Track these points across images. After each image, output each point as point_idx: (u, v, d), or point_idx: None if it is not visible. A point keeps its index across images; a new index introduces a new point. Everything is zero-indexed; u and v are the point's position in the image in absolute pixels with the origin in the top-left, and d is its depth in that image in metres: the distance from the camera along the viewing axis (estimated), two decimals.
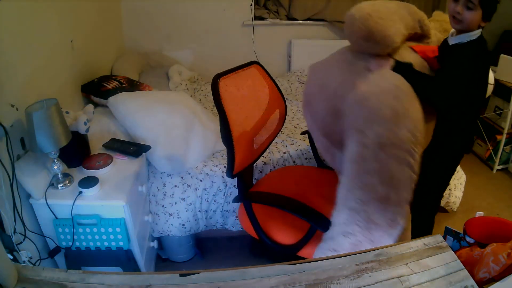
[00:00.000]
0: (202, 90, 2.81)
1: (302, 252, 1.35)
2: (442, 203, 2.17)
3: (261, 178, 1.75)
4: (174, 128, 1.80)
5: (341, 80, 1.36)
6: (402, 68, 1.30)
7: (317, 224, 1.26)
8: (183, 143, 1.80)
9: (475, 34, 1.35)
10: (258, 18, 3.07)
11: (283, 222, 1.43)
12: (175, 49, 3.04)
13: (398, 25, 1.34)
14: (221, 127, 1.30)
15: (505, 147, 2.74)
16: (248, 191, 1.56)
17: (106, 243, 1.43)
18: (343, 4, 3.07)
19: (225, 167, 1.87)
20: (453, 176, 2.10)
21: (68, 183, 1.40)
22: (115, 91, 1.97)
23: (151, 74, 2.66)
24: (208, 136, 1.92)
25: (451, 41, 1.41)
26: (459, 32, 1.38)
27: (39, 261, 1.36)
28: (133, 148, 1.63)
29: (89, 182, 1.39)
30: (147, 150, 1.67)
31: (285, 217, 1.43)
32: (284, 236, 1.40)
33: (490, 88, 2.58)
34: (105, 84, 2.02)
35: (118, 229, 1.39)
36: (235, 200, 1.49)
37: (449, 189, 2.11)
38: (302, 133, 1.98)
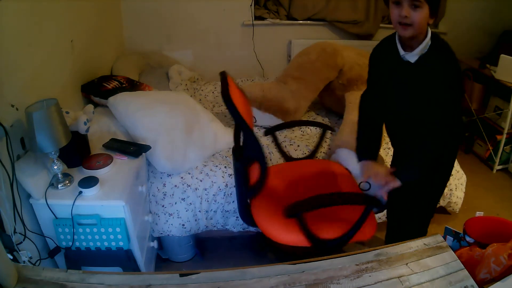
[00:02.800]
0: (202, 90, 2.81)
1: (358, 236, 1.33)
2: (443, 204, 2.17)
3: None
4: (174, 128, 1.80)
5: None
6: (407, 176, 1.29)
7: (372, 204, 1.29)
8: (183, 143, 1.80)
9: (429, 36, 1.25)
10: (258, 18, 3.07)
11: (324, 220, 1.39)
12: (175, 49, 3.04)
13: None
14: (236, 119, 1.30)
15: (505, 147, 2.74)
16: (284, 206, 1.33)
17: (106, 243, 1.43)
18: (343, 4, 3.07)
19: (225, 167, 1.87)
20: (454, 176, 2.10)
21: (68, 183, 1.40)
22: (115, 91, 1.97)
23: (151, 74, 2.66)
24: (208, 136, 1.92)
25: (413, 58, 1.27)
26: (411, 39, 1.24)
27: (39, 261, 1.36)
28: (133, 148, 1.63)
29: (89, 182, 1.39)
30: (147, 150, 1.67)
31: (322, 215, 1.40)
32: (333, 231, 1.33)
33: None
34: (105, 84, 2.02)
35: (118, 229, 1.39)
36: (288, 214, 1.29)
37: (450, 190, 2.11)
38: (266, 133, 1.86)
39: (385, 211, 1.86)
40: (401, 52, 1.28)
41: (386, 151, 2.07)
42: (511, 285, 0.79)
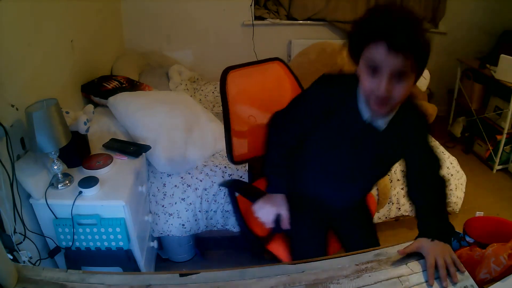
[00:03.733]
0: (202, 90, 2.81)
1: (272, 247, 1.32)
2: None
3: None
4: (174, 128, 1.80)
5: None
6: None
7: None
8: (183, 143, 1.80)
9: None
10: (258, 18, 3.07)
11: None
12: (175, 49, 3.05)
13: None
14: (223, 115, 1.38)
15: (505, 147, 2.74)
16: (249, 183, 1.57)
17: (106, 243, 1.43)
18: (343, 4, 3.07)
19: (225, 167, 1.87)
20: (454, 176, 2.10)
21: (68, 183, 1.40)
22: (115, 91, 1.97)
23: (151, 74, 2.67)
24: (208, 136, 1.92)
25: (382, 125, 1.04)
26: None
27: (39, 261, 1.36)
28: (133, 148, 1.63)
29: (89, 182, 1.39)
30: (147, 150, 1.67)
31: None
32: (260, 227, 1.31)
33: (424, 82, 2.60)
34: (105, 84, 2.02)
35: (118, 229, 1.39)
36: (221, 184, 1.51)
37: (450, 190, 2.11)
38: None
39: None
40: (365, 116, 1.02)
41: None
42: (511, 285, 0.79)
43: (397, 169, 2.03)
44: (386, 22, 0.84)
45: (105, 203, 1.37)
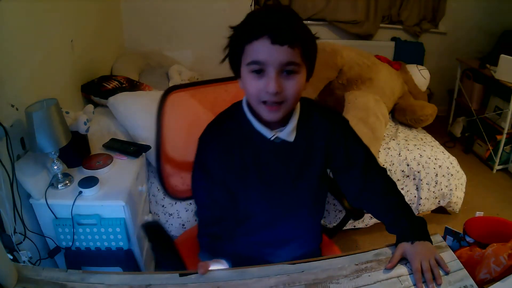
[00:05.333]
0: None
1: None
2: (443, 203, 2.17)
3: None
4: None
5: None
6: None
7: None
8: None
9: (298, 105, 0.94)
10: None
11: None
12: (175, 49, 3.04)
13: None
14: (155, 141, 1.20)
15: (505, 147, 2.74)
16: None
17: (106, 243, 1.43)
18: (343, 4, 3.07)
19: None
20: (454, 176, 2.10)
21: (68, 183, 1.40)
22: (115, 91, 1.97)
23: (151, 74, 2.66)
24: None
25: (291, 136, 0.93)
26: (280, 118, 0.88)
27: (39, 261, 1.36)
28: (133, 148, 1.63)
29: (89, 182, 1.39)
30: (147, 150, 1.67)
31: None
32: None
33: (424, 82, 2.61)
34: (105, 84, 2.02)
35: (118, 229, 1.39)
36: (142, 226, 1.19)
37: (450, 190, 2.11)
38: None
39: None
40: (269, 134, 0.91)
41: (386, 151, 2.07)
42: (511, 285, 0.79)
43: (397, 169, 2.03)
44: (268, 17, 0.80)
45: (105, 203, 1.37)
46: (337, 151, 0.98)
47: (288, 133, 0.92)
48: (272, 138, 0.92)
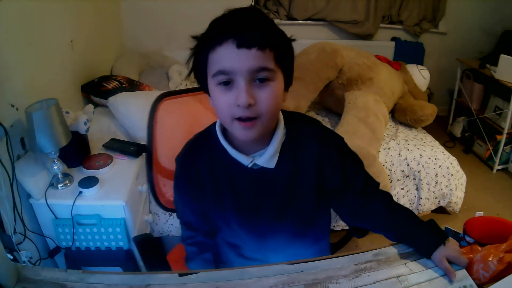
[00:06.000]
0: None
1: None
2: (443, 204, 2.17)
3: None
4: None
5: None
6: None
7: None
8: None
9: (281, 116, 0.82)
10: None
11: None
12: (175, 49, 3.04)
13: None
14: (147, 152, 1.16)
15: (505, 147, 2.74)
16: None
17: (106, 243, 1.43)
18: (343, 4, 3.07)
19: None
20: (454, 176, 2.10)
21: (68, 183, 1.40)
22: (115, 91, 1.97)
23: (151, 74, 2.66)
24: None
25: (271, 162, 0.80)
26: (259, 137, 0.75)
27: (39, 261, 1.36)
28: (133, 148, 1.63)
29: (89, 182, 1.39)
30: (147, 150, 1.67)
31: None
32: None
33: (424, 82, 2.61)
34: (105, 84, 2.02)
35: (118, 229, 1.39)
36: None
37: (450, 190, 2.11)
38: None
39: None
40: (246, 161, 0.80)
41: (386, 151, 2.07)
42: (510, 285, 0.79)
43: (397, 169, 2.03)
44: (231, 19, 0.70)
45: (105, 203, 1.37)
46: (333, 176, 0.85)
47: (267, 159, 0.79)
48: (250, 165, 0.80)
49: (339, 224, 2.05)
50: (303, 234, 0.92)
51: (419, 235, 0.83)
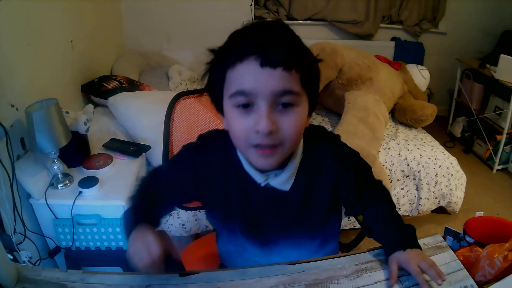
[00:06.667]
0: None
1: None
2: (443, 203, 2.17)
3: None
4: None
5: None
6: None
7: None
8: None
9: (301, 141, 0.76)
10: (258, 18, 3.07)
11: None
12: (175, 49, 3.05)
13: None
14: (163, 149, 1.15)
15: (505, 147, 2.74)
16: None
17: (106, 243, 1.43)
18: (343, 4, 3.07)
19: None
20: (454, 176, 2.10)
21: (68, 183, 1.40)
22: (115, 91, 1.97)
23: (151, 74, 2.67)
24: None
25: (287, 184, 0.76)
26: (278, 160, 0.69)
27: (39, 261, 1.36)
28: (133, 148, 1.63)
29: (89, 182, 1.39)
30: (147, 150, 1.67)
31: None
32: None
33: (424, 82, 2.61)
34: (105, 84, 2.02)
35: (118, 229, 1.39)
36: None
37: (450, 190, 2.11)
38: None
39: None
40: (259, 179, 0.75)
41: (386, 151, 2.07)
42: (510, 285, 0.79)
43: (397, 169, 2.03)
44: (255, 33, 0.63)
45: (105, 203, 1.37)
46: (349, 194, 0.83)
47: (283, 182, 0.75)
48: (263, 185, 0.75)
49: (342, 224, 2.04)
50: (311, 241, 0.89)
51: (387, 236, 0.84)
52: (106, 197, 1.38)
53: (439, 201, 2.15)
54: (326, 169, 0.78)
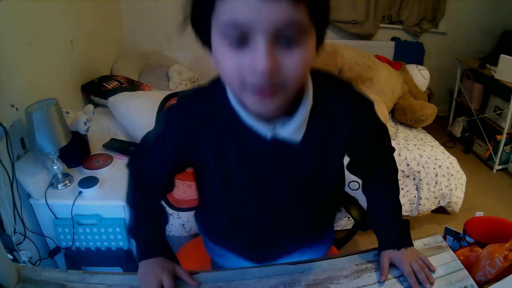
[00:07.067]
0: None
1: None
2: (443, 203, 2.17)
3: None
4: None
5: None
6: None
7: None
8: None
9: (310, 80, 0.65)
10: None
11: None
12: (175, 49, 3.04)
13: None
14: None
15: (505, 147, 2.74)
16: None
17: (106, 243, 1.43)
18: (343, 4, 3.07)
19: None
20: (454, 176, 2.10)
21: (68, 183, 1.40)
22: (115, 91, 1.97)
23: (151, 74, 2.66)
24: None
25: (298, 135, 0.65)
26: (284, 107, 0.60)
27: (39, 261, 1.36)
28: (133, 148, 1.63)
29: (89, 182, 1.39)
30: None
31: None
32: None
33: (424, 82, 2.61)
34: (105, 84, 2.02)
35: (118, 229, 1.39)
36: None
37: (450, 190, 2.11)
38: None
39: None
40: (264, 131, 0.64)
41: None
42: (510, 285, 0.79)
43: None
44: None
45: (105, 203, 1.37)
46: (363, 143, 0.76)
47: (292, 131, 0.64)
48: (270, 138, 0.64)
49: (339, 224, 2.05)
50: (318, 213, 0.83)
51: (383, 231, 0.84)
52: (106, 197, 1.38)
53: (439, 201, 2.15)
54: (342, 115, 0.69)
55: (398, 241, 0.82)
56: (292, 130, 0.64)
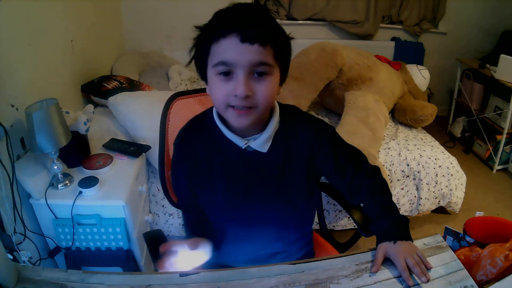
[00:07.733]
0: None
1: None
2: (443, 203, 2.17)
3: None
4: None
5: None
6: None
7: None
8: None
9: (276, 105, 0.89)
10: None
11: None
12: (175, 49, 3.04)
13: None
14: (159, 149, 1.19)
15: (505, 147, 2.74)
16: None
17: (106, 243, 1.43)
18: (343, 4, 3.07)
19: None
20: (454, 176, 2.11)
21: (68, 183, 1.40)
22: (115, 91, 1.97)
23: (151, 74, 2.66)
24: None
25: (265, 146, 0.87)
26: (254, 125, 0.83)
27: (39, 261, 1.36)
28: (133, 148, 1.63)
29: (89, 182, 1.39)
30: (147, 150, 1.67)
31: None
32: None
33: (424, 82, 2.61)
34: (105, 84, 2.02)
35: (118, 229, 1.39)
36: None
37: (450, 190, 2.11)
38: None
39: None
40: (240, 143, 0.86)
41: (386, 151, 2.07)
42: (510, 285, 0.79)
43: (397, 169, 2.03)
44: (237, 14, 0.74)
45: (105, 203, 1.37)
46: (326, 164, 0.92)
47: (261, 143, 0.86)
48: (244, 147, 0.86)
49: (339, 224, 2.05)
50: (290, 218, 0.97)
51: (381, 224, 0.88)
52: (106, 197, 1.38)
53: (439, 201, 2.15)
54: (301, 137, 0.89)
55: (394, 233, 0.84)
56: (260, 143, 0.86)
